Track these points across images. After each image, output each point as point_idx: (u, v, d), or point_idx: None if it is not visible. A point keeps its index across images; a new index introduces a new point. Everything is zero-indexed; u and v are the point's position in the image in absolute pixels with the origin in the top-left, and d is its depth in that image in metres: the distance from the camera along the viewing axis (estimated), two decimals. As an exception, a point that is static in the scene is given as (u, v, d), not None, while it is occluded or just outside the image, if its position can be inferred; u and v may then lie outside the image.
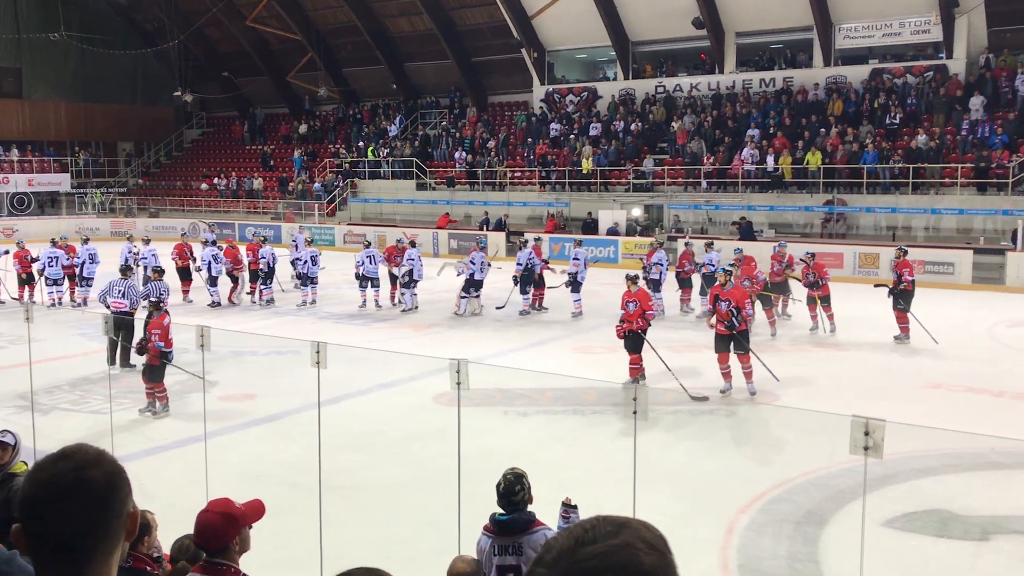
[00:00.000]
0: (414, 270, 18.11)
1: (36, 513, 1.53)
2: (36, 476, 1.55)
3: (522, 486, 4.52)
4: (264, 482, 8.43)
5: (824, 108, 27.07)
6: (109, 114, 41.04)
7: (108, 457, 1.60)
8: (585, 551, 1.05)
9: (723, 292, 11.63)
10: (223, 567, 3.26)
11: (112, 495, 1.56)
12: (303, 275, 19.07)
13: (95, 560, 1.55)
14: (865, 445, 3.87)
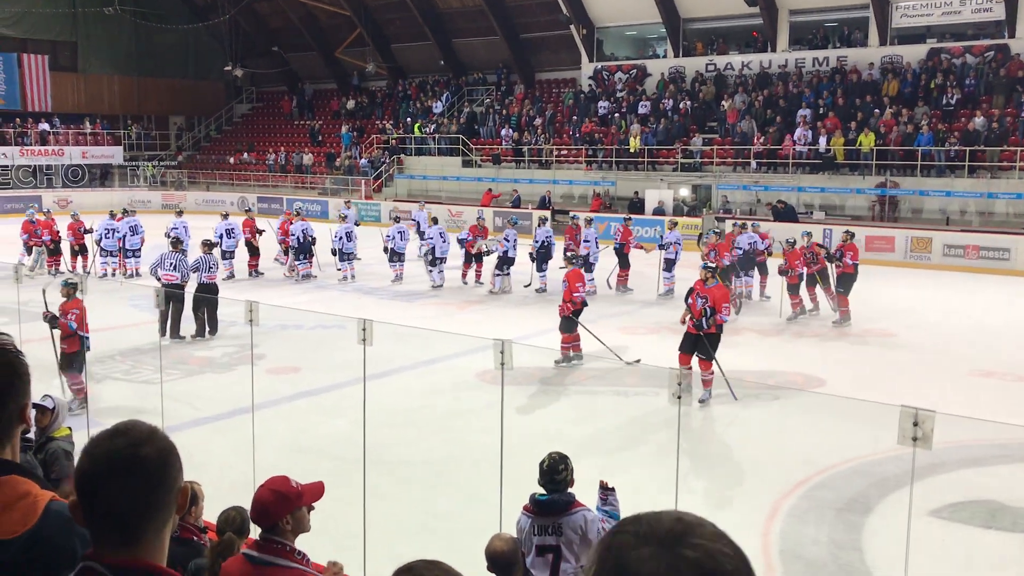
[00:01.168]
0: (436, 247, 18.26)
1: (92, 487, 1.60)
2: (92, 451, 1.62)
3: (565, 467, 4.54)
4: (309, 455, 8.57)
5: (878, 88, 26.50)
6: (161, 88, 41.60)
7: (160, 434, 1.66)
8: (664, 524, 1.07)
9: (703, 288, 10.69)
10: (276, 544, 3.28)
11: (164, 471, 1.63)
12: (338, 251, 19.29)
13: (148, 532, 1.61)
14: (914, 436, 3.81)
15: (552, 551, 4.43)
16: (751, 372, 12.24)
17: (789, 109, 27.11)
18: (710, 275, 10.75)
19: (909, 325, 14.76)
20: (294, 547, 3.32)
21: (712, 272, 10.87)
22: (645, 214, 26.04)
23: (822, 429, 9.36)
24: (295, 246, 19.21)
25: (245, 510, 4.37)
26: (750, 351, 13.27)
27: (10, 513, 1.79)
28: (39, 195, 33.15)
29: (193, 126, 43.72)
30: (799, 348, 13.43)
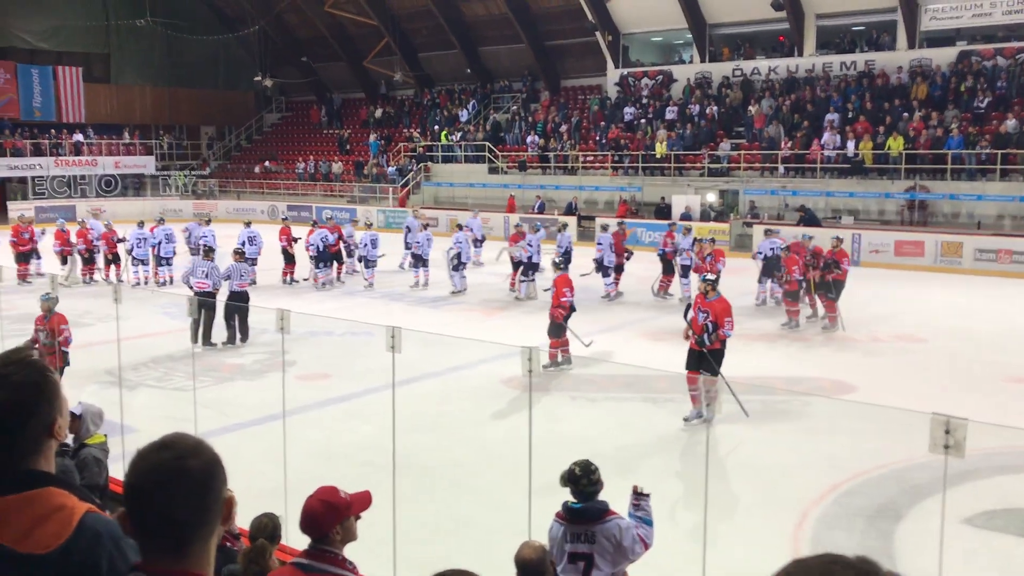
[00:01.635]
0: (462, 253, 18.49)
1: (139, 499, 1.64)
2: (139, 464, 1.66)
3: (594, 474, 4.55)
4: (339, 461, 8.64)
5: (907, 92, 26.28)
6: (192, 98, 42.10)
7: (206, 446, 1.70)
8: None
9: (703, 302, 10.14)
10: (328, 553, 3.29)
11: (210, 482, 1.67)
12: (363, 258, 19.43)
13: (195, 543, 1.66)
14: (945, 444, 3.79)
15: (584, 559, 4.44)
16: (780, 378, 12.18)
17: (816, 113, 26.94)
18: (710, 288, 10.21)
19: (940, 331, 14.61)
20: (344, 556, 3.35)
21: (712, 285, 10.30)
22: (672, 219, 25.94)
23: (852, 435, 9.30)
24: (314, 255, 19.39)
25: (277, 516, 4.43)
26: (778, 357, 13.21)
27: (44, 527, 1.80)
28: (73, 205, 33.67)
29: (224, 136, 44.21)
30: (828, 354, 13.34)
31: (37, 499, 1.84)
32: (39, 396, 1.89)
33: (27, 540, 1.79)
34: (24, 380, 1.88)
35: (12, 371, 1.88)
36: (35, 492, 1.85)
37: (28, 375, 1.89)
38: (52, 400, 1.93)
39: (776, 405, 10.73)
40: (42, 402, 1.90)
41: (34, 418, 1.88)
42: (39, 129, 36.96)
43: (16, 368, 1.89)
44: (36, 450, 1.90)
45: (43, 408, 1.90)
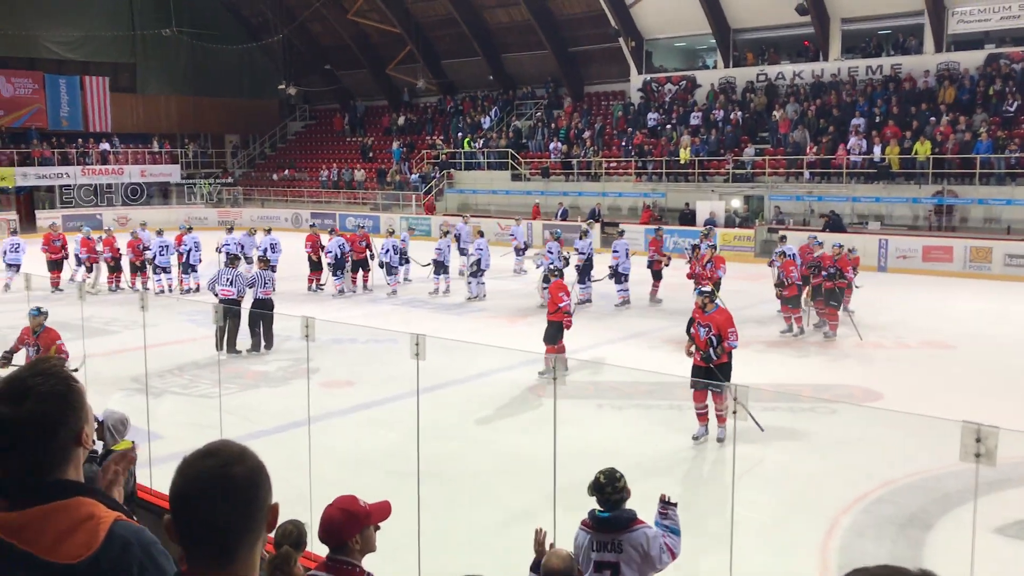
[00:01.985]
0: (482, 259, 18.55)
1: (185, 506, 1.66)
2: (185, 471, 1.67)
3: (620, 483, 4.52)
4: (364, 468, 8.64)
5: (935, 96, 26.02)
6: (217, 107, 42.46)
7: (251, 453, 1.72)
8: None
9: (702, 316, 9.64)
10: (345, 565, 3.27)
11: (255, 490, 1.69)
12: (385, 264, 19.47)
13: (241, 550, 1.67)
14: (977, 452, 3.72)
15: (611, 568, 4.41)
16: (806, 385, 12.08)
17: (842, 118, 26.73)
18: (708, 300, 9.76)
19: (969, 337, 14.42)
20: (362, 568, 3.32)
21: (710, 297, 9.86)
22: (696, 225, 25.84)
23: (881, 443, 9.18)
24: (331, 262, 19.45)
25: (302, 524, 4.42)
26: (804, 364, 13.09)
27: (74, 536, 1.81)
28: (100, 213, 34.04)
29: (248, 144, 44.54)
30: (855, 361, 13.20)
31: (66, 509, 1.85)
32: (66, 406, 1.90)
33: (57, 550, 1.80)
34: (50, 391, 1.89)
35: (38, 382, 1.89)
36: (64, 502, 1.86)
37: (54, 385, 1.90)
38: (78, 409, 1.93)
39: (803, 412, 10.63)
40: (69, 412, 1.90)
41: (62, 428, 1.89)
42: (66, 138, 37.41)
43: (42, 379, 1.90)
44: (65, 459, 1.91)
45: (70, 418, 1.91)
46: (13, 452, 1.86)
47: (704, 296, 9.81)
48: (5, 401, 1.85)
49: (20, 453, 1.86)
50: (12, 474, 1.88)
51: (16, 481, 1.87)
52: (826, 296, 14.63)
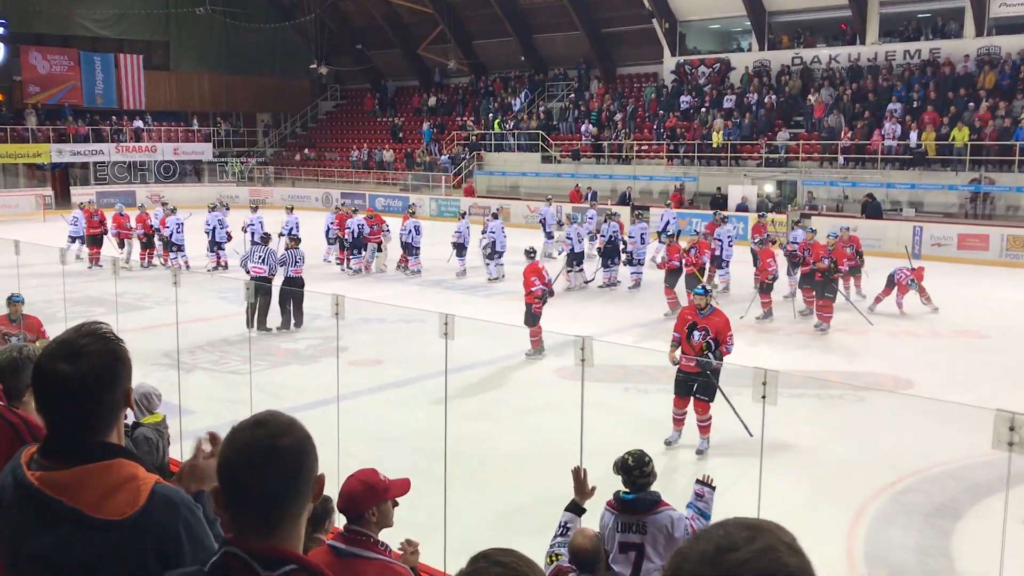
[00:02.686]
0: (496, 241, 18.62)
1: (233, 475, 1.68)
2: (233, 441, 1.70)
3: (647, 467, 4.52)
4: (391, 446, 8.70)
5: (974, 81, 25.57)
6: (249, 86, 42.67)
7: (298, 425, 1.74)
8: (729, 559, 1.04)
9: (698, 318, 8.88)
10: (361, 536, 3.33)
11: (302, 460, 1.71)
12: (407, 244, 19.53)
13: (286, 520, 1.70)
14: (1010, 440, 3.68)
15: (635, 549, 4.42)
16: (836, 372, 11.99)
17: (878, 103, 26.36)
18: (705, 301, 8.94)
19: (1004, 327, 14.22)
20: (378, 539, 3.37)
21: (708, 296, 9.05)
22: (728, 210, 25.63)
23: (911, 432, 9.10)
24: (349, 240, 19.55)
25: (329, 499, 4.45)
26: (835, 350, 12.98)
27: (117, 495, 1.85)
28: (133, 190, 34.38)
29: (280, 123, 44.73)
30: (885, 348, 13.07)
31: (110, 469, 1.89)
32: (118, 364, 1.95)
33: (102, 507, 1.84)
34: (103, 349, 1.93)
35: (89, 342, 1.93)
36: (108, 463, 1.90)
37: (104, 344, 1.95)
38: (128, 367, 1.99)
39: (831, 400, 10.55)
40: (121, 369, 1.96)
41: (117, 385, 1.94)
42: (100, 116, 37.78)
43: (91, 339, 1.94)
44: (115, 418, 1.97)
45: (123, 375, 1.97)
46: (67, 410, 1.90)
47: (701, 297, 8.99)
48: (62, 360, 1.89)
49: (76, 410, 1.90)
50: (62, 433, 1.92)
51: (63, 441, 1.91)
52: (819, 288, 13.99)
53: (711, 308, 8.96)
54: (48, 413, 1.94)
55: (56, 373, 1.88)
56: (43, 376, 1.91)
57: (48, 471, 1.88)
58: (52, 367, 1.89)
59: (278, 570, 1.62)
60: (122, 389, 1.96)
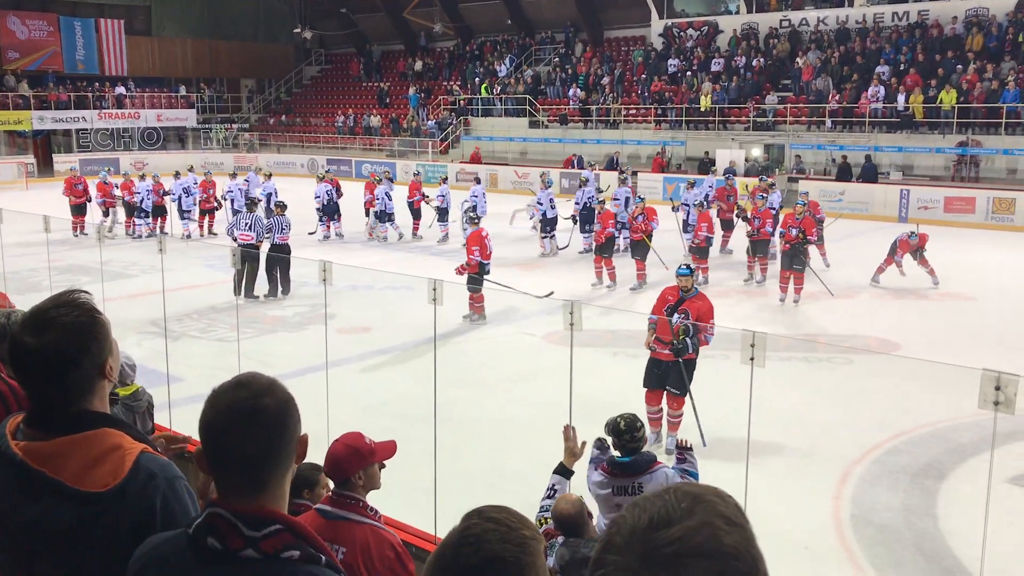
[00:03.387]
0: (477, 206, 18.66)
1: (215, 437, 1.67)
2: (215, 403, 1.68)
3: (639, 432, 4.54)
4: (380, 412, 8.72)
5: (961, 43, 25.49)
6: (232, 51, 42.18)
7: (280, 386, 1.73)
8: (662, 536, 0.99)
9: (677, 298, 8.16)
10: (349, 500, 3.35)
11: (284, 421, 1.70)
12: (381, 212, 19.54)
13: (271, 481, 1.69)
14: (996, 400, 3.70)
15: None
16: (824, 335, 12.05)
17: (866, 66, 26.26)
18: (690, 282, 8.22)
19: (990, 289, 14.31)
20: (366, 503, 3.39)
21: (693, 277, 8.34)
22: (717, 175, 25.57)
23: (897, 393, 9.17)
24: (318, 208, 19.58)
25: (320, 467, 4.45)
26: (822, 314, 13.04)
27: (101, 466, 1.84)
28: (116, 157, 34.05)
29: (264, 89, 44.28)
30: (873, 311, 13.13)
31: (93, 439, 1.88)
32: (88, 337, 1.92)
33: (85, 478, 1.83)
34: (73, 322, 1.91)
35: (62, 313, 1.91)
36: (91, 433, 1.89)
37: (77, 316, 1.92)
38: (101, 340, 1.95)
39: (819, 363, 10.62)
40: (91, 342, 1.92)
41: (85, 358, 1.91)
42: (83, 82, 37.28)
43: (66, 309, 1.92)
44: (90, 390, 1.94)
45: (94, 348, 1.93)
46: (37, 381, 1.89)
47: (685, 277, 8.18)
48: (28, 331, 1.88)
49: (44, 383, 1.89)
50: (39, 403, 1.92)
51: (44, 411, 1.90)
52: (786, 260, 13.44)
53: (695, 290, 8.27)
54: (22, 384, 1.94)
55: (22, 345, 1.87)
56: (12, 348, 1.90)
57: (32, 441, 1.87)
58: (20, 339, 1.88)
59: (263, 530, 1.62)
60: (94, 361, 1.92)
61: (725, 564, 0.98)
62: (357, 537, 3.25)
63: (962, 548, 6.12)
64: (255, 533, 1.61)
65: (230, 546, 1.61)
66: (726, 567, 0.97)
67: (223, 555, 1.61)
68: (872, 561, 6.08)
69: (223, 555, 1.61)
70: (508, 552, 1.35)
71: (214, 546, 1.61)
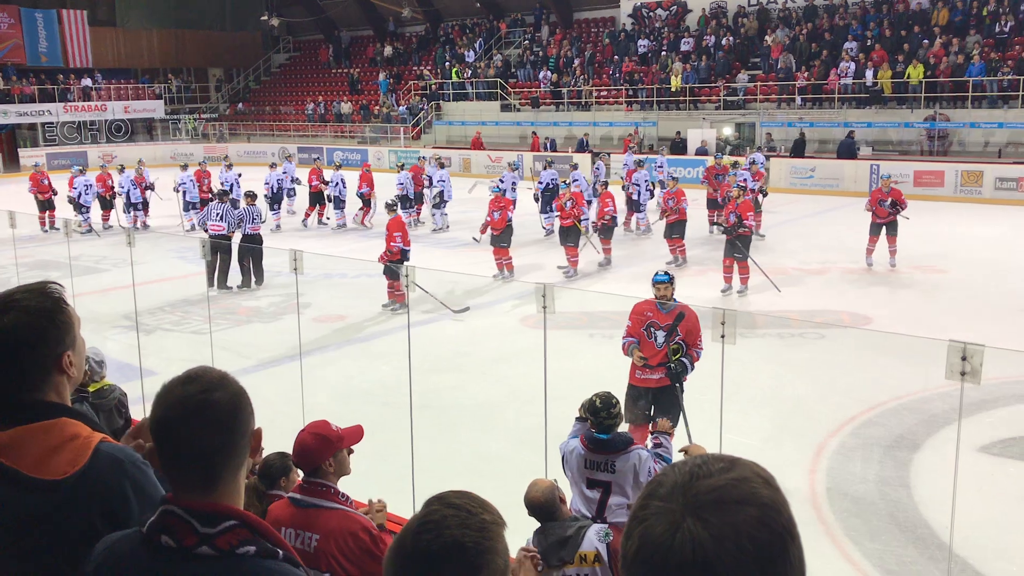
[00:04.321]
0: (444, 191, 18.67)
1: (167, 433, 1.64)
2: (165, 398, 1.66)
3: (614, 409, 4.57)
4: (357, 400, 8.71)
5: (927, 18, 25.67)
6: (199, 40, 41.69)
7: (231, 379, 1.70)
8: (703, 484, 1.04)
9: (660, 315, 6.83)
10: (321, 487, 3.36)
11: (237, 415, 1.67)
12: (334, 198, 19.52)
13: (224, 476, 1.66)
14: (962, 370, 3.76)
15: (602, 486, 4.50)
16: (795, 311, 12.15)
17: (835, 43, 26.40)
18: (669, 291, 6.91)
19: (959, 261, 14.49)
20: (337, 489, 3.41)
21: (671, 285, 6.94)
22: (688, 154, 25.68)
23: (869, 367, 9.28)
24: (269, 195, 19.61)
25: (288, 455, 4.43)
26: (795, 290, 13.14)
27: (59, 455, 1.83)
28: (84, 150, 33.61)
29: (232, 78, 43.83)
30: (845, 286, 13.27)
31: (51, 428, 1.86)
32: (48, 324, 1.89)
33: (43, 467, 1.82)
34: (36, 307, 1.88)
35: (26, 297, 1.89)
36: (50, 422, 1.87)
37: (41, 302, 1.90)
38: (62, 330, 1.92)
39: (792, 338, 10.72)
40: (50, 330, 1.90)
41: (42, 345, 1.88)
42: (46, 75, 36.73)
43: (30, 295, 1.90)
44: (44, 380, 1.91)
45: (51, 336, 1.90)
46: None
47: (664, 285, 6.89)
48: None
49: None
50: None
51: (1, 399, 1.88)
52: (728, 248, 12.87)
53: (675, 301, 6.92)
54: None
55: None
56: None
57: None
58: None
59: (218, 526, 1.60)
60: (50, 350, 1.90)
61: (764, 512, 1.02)
62: (330, 524, 3.28)
63: (935, 517, 6.22)
64: (210, 530, 1.59)
65: (184, 543, 1.58)
66: (765, 515, 1.02)
67: (178, 553, 1.58)
68: (848, 533, 6.17)
69: (178, 553, 1.58)
70: (468, 537, 1.36)
71: (168, 544, 1.59)
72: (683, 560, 0.98)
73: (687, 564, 0.98)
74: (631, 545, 1.03)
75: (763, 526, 1.01)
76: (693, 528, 0.99)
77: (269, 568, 1.60)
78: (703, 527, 0.99)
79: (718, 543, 0.98)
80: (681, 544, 0.98)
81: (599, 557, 3.83)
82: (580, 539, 3.87)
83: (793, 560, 1.02)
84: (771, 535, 1.01)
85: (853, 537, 6.12)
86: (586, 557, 3.85)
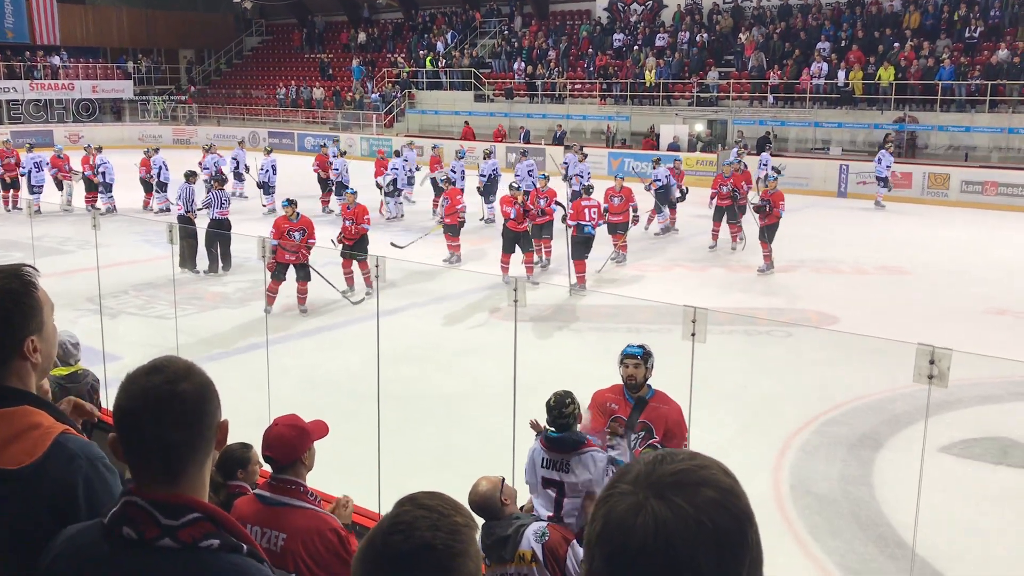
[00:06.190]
0: (397, 179, 18.72)
1: (130, 424, 1.60)
2: (129, 388, 1.61)
3: (571, 404, 4.56)
4: (323, 390, 8.63)
5: (900, 20, 25.92)
6: (170, 20, 41.07)
7: (197, 369, 1.65)
8: (665, 467, 1.08)
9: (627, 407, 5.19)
10: (290, 484, 3.30)
11: (202, 406, 1.63)
12: (264, 184, 19.47)
13: (189, 468, 1.62)
14: (930, 374, 3.79)
15: (556, 486, 4.50)
16: (763, 309, 12.23)
17: (808, 42, 26.58)
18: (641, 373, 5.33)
19: (925, 263, 14.66)
20: (306, 487, 3.36)
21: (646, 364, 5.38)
22: (660, 149, 25.72)
23: (835, 366, 9.36)
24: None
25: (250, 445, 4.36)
26: (763, 289, 13.24)
27: (17, 443, 1.78)
28: (50, 130, 33.02)
29: (203, 60, 43.26)
30: (811, 285, 13.37)
31: (12, 416, 1.81)
32: (12, 305, 1.84)
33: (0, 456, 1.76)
34: (2, 287, 1.83)
35: None
36: (9, 410, 1.82)
37: (8, 283, 1.84)
38: (27, 313, 1.86)
39: (759, 336, 10.78)
40: (14, 311, 1.84)
41: (5, 325, 1.83)
42: (12, 51, 35.99)
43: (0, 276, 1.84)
44: (6, 364, 1.85)
45: (16, 317, 1.84)
46: None
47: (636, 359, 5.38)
48: None
49: None
50: None
51: None
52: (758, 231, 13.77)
53: (651, 391, 5.31)
54: None
55: None
56: None
57: None
58: None
59: (181, 519, 1.56)
60: (14, 333, 1.85)
61: (723, 496, 1.06)
62: (298, 523, 3.22)
63: (896, 516, 6.29)
64: (172, 522, 1.55)
65: (146, 535, 1.54)
66: (724, 498, 1.06)
67: (139, 545, 1.54)
68: (810, 530, 6.22)
69: (139, 545, 1.54)
70: (439, 540, 1.34)
71: (130, 535, 1.55)
72: (645, 538, 1.02)
73: (649, 542, 1.02)
74: (595, 526, 1.06)
75: (722, 508, 1.05)
76: (656, 507, 1.03)
77: (232, 562, 1.57)
78: (665, 506, 1.03)
79: (679, 521, 1.02)
80: (644, 524, 1.02)
81: (535, 557, 3.84)
82: (519, 538, 3.88)
83: (751, 543, 1.06)
84: (730, 517, 1.05)
85: (815, 534, 6.17)
86: (524, 556, 3.87)
